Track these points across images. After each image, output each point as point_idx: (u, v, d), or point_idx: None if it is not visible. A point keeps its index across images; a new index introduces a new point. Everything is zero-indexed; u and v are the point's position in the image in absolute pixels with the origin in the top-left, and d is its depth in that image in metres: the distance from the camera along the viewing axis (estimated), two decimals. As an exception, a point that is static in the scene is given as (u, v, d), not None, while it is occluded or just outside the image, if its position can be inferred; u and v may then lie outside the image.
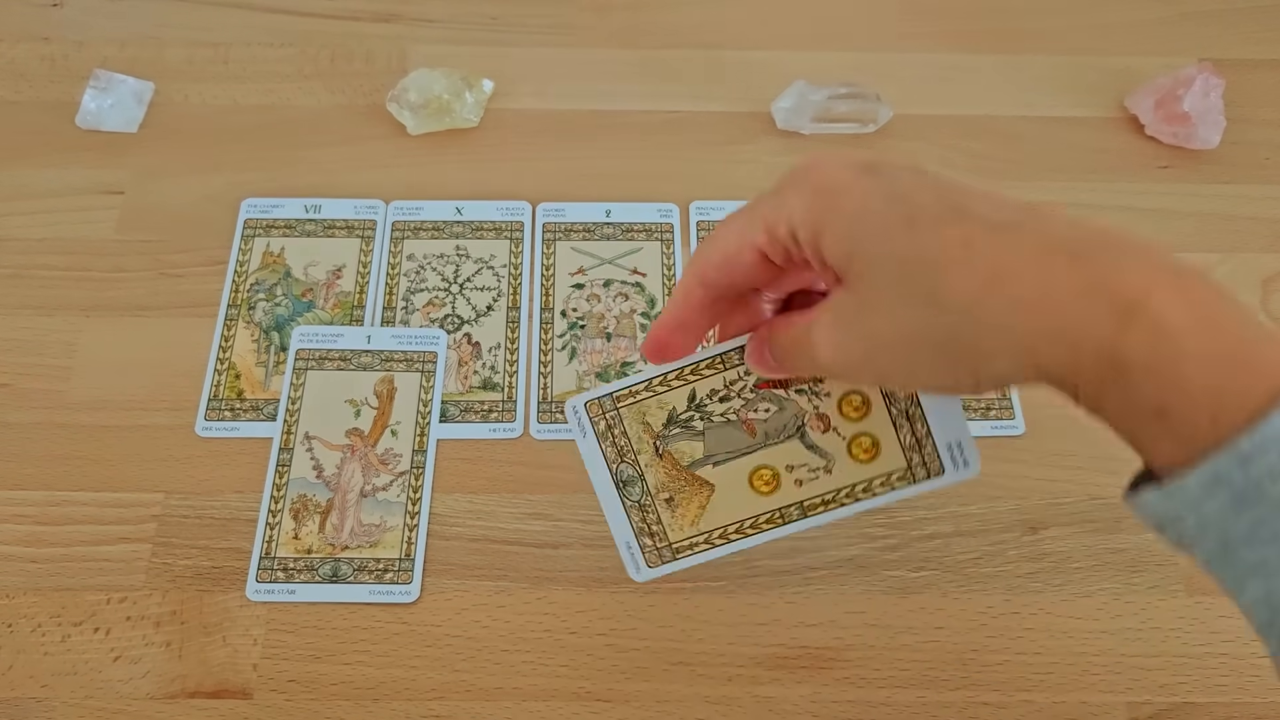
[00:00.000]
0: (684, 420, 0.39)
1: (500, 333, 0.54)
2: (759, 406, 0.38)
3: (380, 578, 0.47)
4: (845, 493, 0.38)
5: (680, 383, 0.38)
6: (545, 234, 0.57)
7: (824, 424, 0.38)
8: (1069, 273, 0.27)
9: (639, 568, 0.41)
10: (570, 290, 0.56)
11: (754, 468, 0.39)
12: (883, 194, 0.29)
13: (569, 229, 0.57)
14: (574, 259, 0.56)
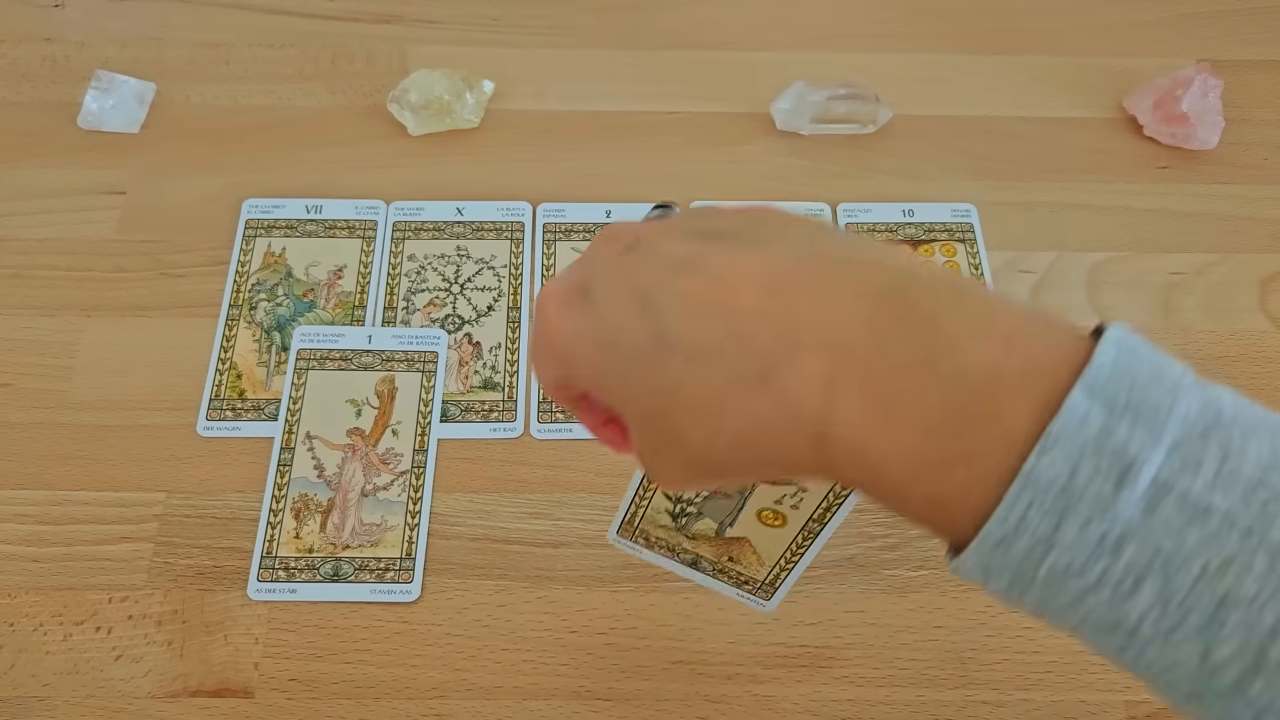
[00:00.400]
0: (681, 513, 0.40)
1: (501, 333, 0.54)
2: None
3: (381, 577, 0.47)
4: (833, 494, 0.38)
5: (651, 491, 0.40)
6: (545, 234, 0.57)
7: None
8: (762, 401, 0.25)
9: (763, 605, 0.43)
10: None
11: (756, 515, 0.39)
12: (598, 343, 0.28)
13: (569, 229, 0.58)
14: (574, 259, 0.56)
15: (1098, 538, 0.22)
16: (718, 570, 0.42)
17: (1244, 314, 0.56)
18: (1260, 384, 0.54)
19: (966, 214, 0.59)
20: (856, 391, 0.24)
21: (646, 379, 0.27)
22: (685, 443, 0.27)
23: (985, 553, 0.24)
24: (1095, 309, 0.56)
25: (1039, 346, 0.24)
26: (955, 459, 0.24)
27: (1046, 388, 0.23)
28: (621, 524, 0.42)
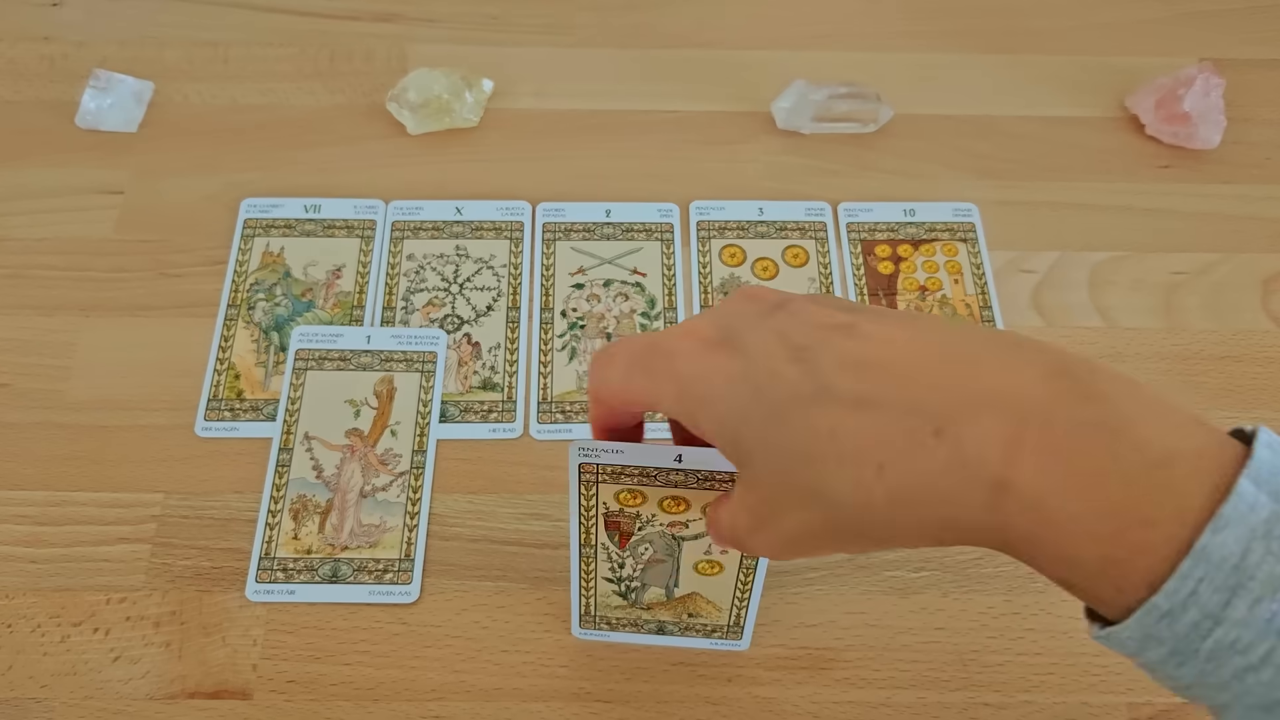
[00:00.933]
0: (627, 590, 0.42)
1: (500, 333, 0.54)
2: (639, 551, 0.40)
3: (380, 578, 0.47)
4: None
5: (591, 580, 0.42)
6: (545, 234, 0.57)
7: (680, 525, 0.38)
8: (935, 453, 0.26)
9: (737, 645, 0.45)
10: (570, 290, 0.56)
11: (693, 569, 0.41)
12: (746, 384, 0.28)
13: (569, 229, 0.57)
14: (574, 259, 0.56)
15: (1267, 616, 0.23)
16: (683, 629, 0.44)
17: (1246, 314, 0.56)
18: (1262, 384, 0.53)
19: (968, 213, 0.58)
20: (1038, 449, 0.25)
21: (801, 420, 0.27)
22: (824, 495, 0.27)
23: (1150, 623, 0.24)
24: (1097, 309, 0.56)
25: (1204, 436, 0.25)
26: (1134, 523, 0.24)
27: (1216, 473, 0.24)
28: (580, 618, 0.44)
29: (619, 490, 0.37)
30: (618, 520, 0.38)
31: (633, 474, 0.35)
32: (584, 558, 0.40)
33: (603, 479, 0.36)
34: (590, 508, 0.38)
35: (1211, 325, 0.55)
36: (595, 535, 0.39)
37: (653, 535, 0.39)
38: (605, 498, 0.37)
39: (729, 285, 0.56)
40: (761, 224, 0.58)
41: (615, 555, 0.40)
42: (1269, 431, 0.25)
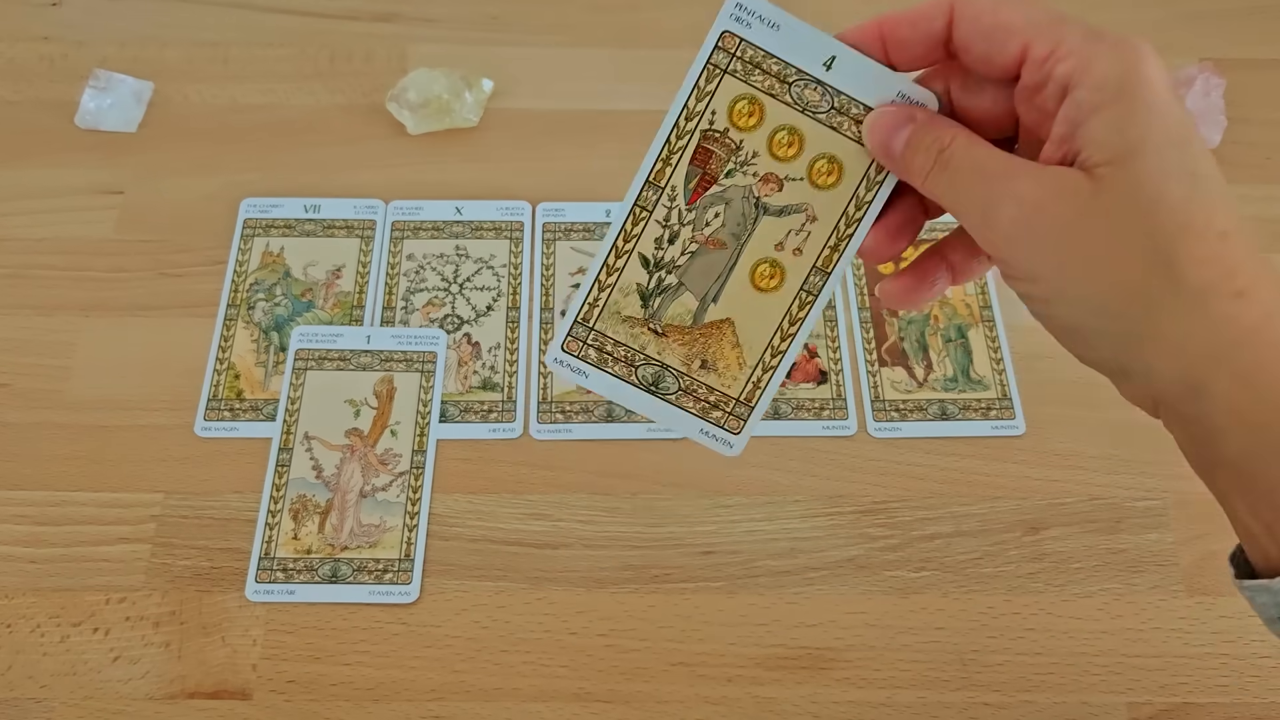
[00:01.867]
0: (656, 288, 0.35)
1: (500, 333, 0.54)
2: (707, 218, 0.34)
3: (380, 578, 0.47)
4: (844, 223, 0.34)
5: (624, 259, 0.35)
6: (545, 234, 0.57)
7: (774, 183, 0.34)
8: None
9: (730, 444, 0.37)
10: (571, 290, 0.55)
11: (750, 272, 0.35)
12: (1183, 137, 0.26)
13: (569, 229, 0.57)
14: (574, 259, 0.56)
15: None
16: (683, 390, 0.36)
17: (1246, 314, 0.56)
18: (1263, 384, 0.53)
19: (968, 213, 0.58)
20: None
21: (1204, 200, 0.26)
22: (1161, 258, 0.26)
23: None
24: (1097, 309, 0.55)
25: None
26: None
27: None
28: (574, 324, 0.36)
29: (740, 95, 0.33)
30: (710, 150, 0.34)
31: (770, 71, 0.32)
32: (638, 207, 0.35)
33: (734, 69, 0.32)
34: (695, 114, 0.33)
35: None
36: (675, 167, 0.34)
37: (734, 194, 0.34)
38: (720, 104, 0.33)
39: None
40: (761, 224, 0.58)
41: (677, 217, 0.34)
42: None
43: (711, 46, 0.33)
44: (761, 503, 0.50)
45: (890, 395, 0.53)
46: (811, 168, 0.34)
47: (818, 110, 0.33)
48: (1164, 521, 0.49)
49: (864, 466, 0.51)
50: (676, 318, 0.35)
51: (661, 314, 0.35)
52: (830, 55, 0.32)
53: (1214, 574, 0.48)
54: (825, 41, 0.32)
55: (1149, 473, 0.50)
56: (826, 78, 0.32)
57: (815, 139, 0.33)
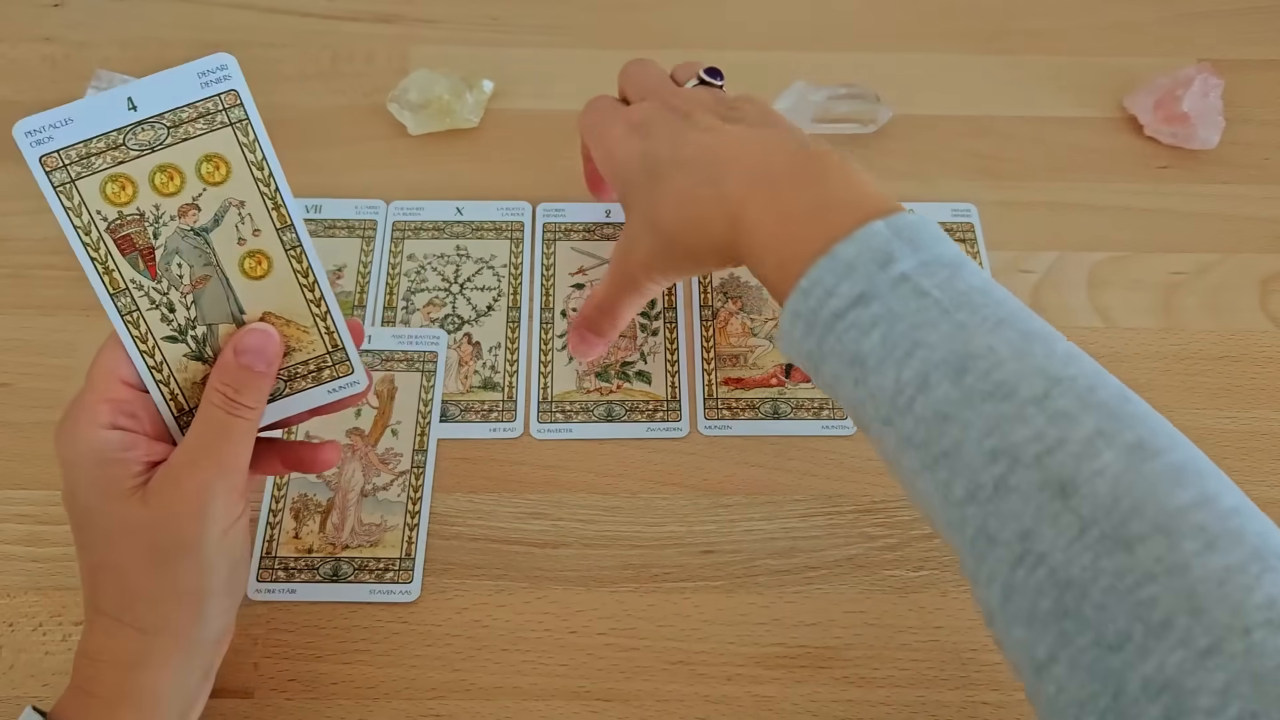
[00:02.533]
0: (200, 342, 0.39)
1: (500, 333, 0.54)
2: (176, 273, 0.38)
3: (380, 577, 0.47)
4: (261, 185, 0.38)
5: (156, 352, 0.38)
6: (545, 234, 0.57)
7: (190, 210, 0.37)
8: (707, 196, 0.42)
9: (356, 382, 0.42)
10: (570, 290, 0.56)
11: (242, 274, 0.38)
12: (641, 157, 0.45)
13: (569, 229, 0.58)
14: (574, 259, 0.57)
15: (856, 294, 0.35)
16: (290, 379, 0.41)
17: (1245, 314, 0.56)
18: (1260, 384, 0.54)
19: (967, 213, 0.59)
20: (763, 193, 0.40)
21: (661, 180, 0.44)
22: (657, 217, 0.44)
23: (796, 300, 0.37)
24: (1096, 308, 0.56)
25: (875, 203, 0.37)
26: (798, 237, 0.38)
27: (866, 217, 0.36)
28: (175, 420, 0.39)
29: (101, 184, 0.35)
30: (127, 234, 0.36)
31: (101, 149, 0.35)
32: (127, 317, 0.37)
33: (77, 174, 0.35)
34: (88, 225, 0.36)
35: (1210, 325, 0.55)
36: (118, 269, 0.37)
37: (175, 241, 0.37)
38: (94, 203, 0.35)
39: (728, 286, 0.56)
40: (761, 224, 0.58)
41: (157, 293, 0.37)
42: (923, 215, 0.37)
43: (43, 175, 0.35)
44: (761, 502, 0.50)
45: (889, 395, 0.53)
46: (202, 176, 0.37)
47: (163, 141, 0.36)
48: (1162, 521, 0.49)
49: (863, 466, 0.51)
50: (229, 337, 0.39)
51: (212, 345, 0.39)
52: (126, 98, 0.35)
53: (1212, 573, 0.48)
54: (114, 95, 0.35)
55: (1147, 472, 0.51)
56: (141, 114, 0.35)
57: (183, 158, 0.36)
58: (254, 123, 0.38)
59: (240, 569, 0.39)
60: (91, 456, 0.36)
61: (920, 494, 0.35)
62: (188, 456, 0.37)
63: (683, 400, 0.53)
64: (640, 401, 0.52)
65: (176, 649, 0.38)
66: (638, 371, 0.53)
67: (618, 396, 0.52)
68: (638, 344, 0.54)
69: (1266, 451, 0.51)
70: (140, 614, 0.37)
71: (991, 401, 0.33)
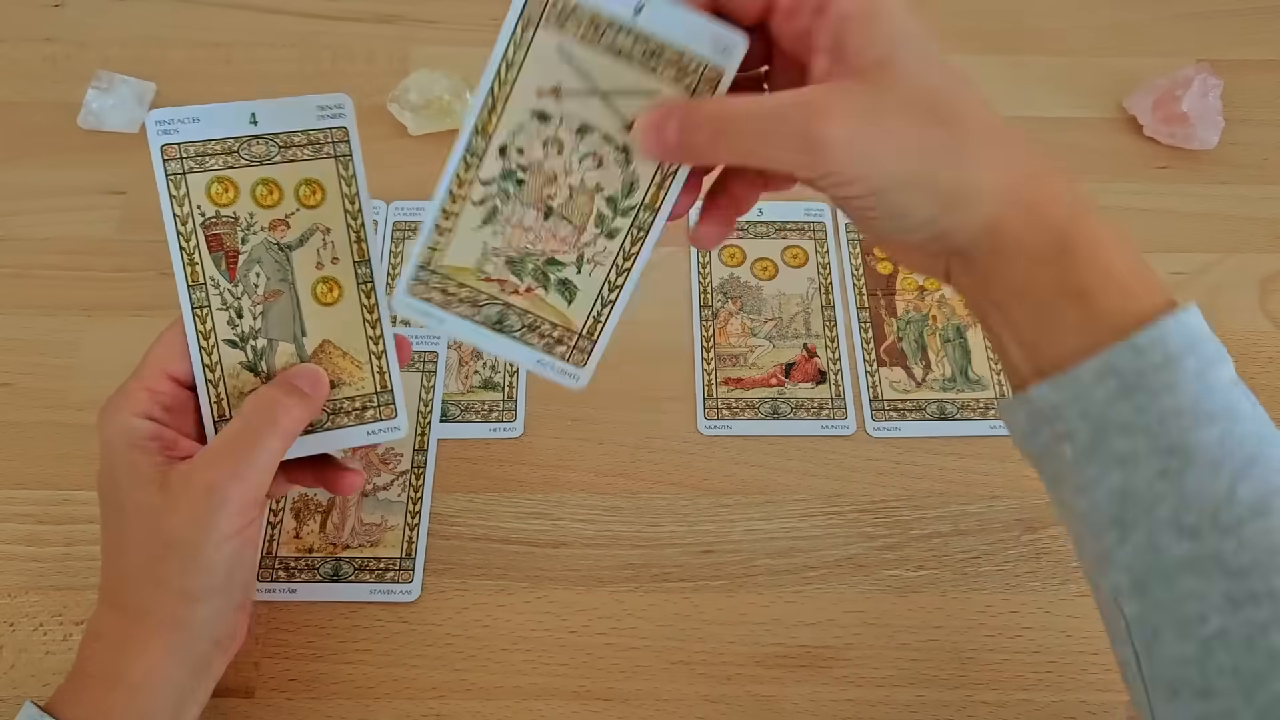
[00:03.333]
0: (255, 356, 0.40)
1: (501, 333, 0.54)
2: (253, 281, 0.40)
3: (381, 577, 0.47)
4: (349, 218, 0.40)
5: (214, 353, 0.40)
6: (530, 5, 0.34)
7: (281, 225, 0.40)
8: (1043, 165, 0.32)
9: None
10: (528, 119, 0.36)
11: (312, 297, 0.40)
12: (923, 32, 0.31)
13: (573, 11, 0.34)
14: (554, 67, 0.35)
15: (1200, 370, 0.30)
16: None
17: (1244, 314, 0.56)
18: (1260, 384, 0.53)
19: (966, 214, 0.58)
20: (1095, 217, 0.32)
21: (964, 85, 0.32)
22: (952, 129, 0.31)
23: (1123, 353, 0.30)
24: (1095, 309, 0.56)
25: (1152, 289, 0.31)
26: (1146, 275, 0.31)
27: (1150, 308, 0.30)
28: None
29: (209, 180, 0.38)
30: (218, 233, 0.39)
31: (216, 151, 0.38)
32: (198, 311, 0.39)
33: (189, 166, 0.38)
34: (186, 216, 0.38)
35: (1209, 325, 0.55)
36: (201, 264, 0.39)
37: (259, 251, 0.39)
38: (198, 197, 0.38)
39: (728, 286, 0.56)
40: (761, 224, 0.58)
41: (230, 296, 0.39)
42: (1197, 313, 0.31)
43: (160, 161, 0.39)
44: (761, 502, 0.50)
45: (889, 395, 0.53)
46: (298, 198, 0.40)
47: (272, 157, 0.39)
48: (1162, 521, 0.49)
49: (863, 466, 0.51)
50: (286, 364, 0.40)
51: (274, 370, 0.40)
52: (251, 113, 0.40)
53: (1211, 573, 0.48)
54: (240, 107, 0.40)
55: (1147, 472, 0.51)
56: (260, 129, 0.40)
57: (285, 176, 0.39)
58: (355, 160, 0.40)
59: (240, 575, 0.39)
60: (122, 439, 0.38)
61: (1190, 618, 0.29)
62: (208, 458, 0.37)
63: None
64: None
65: (160, 638, 0.38)
66: (561, 279, 0.38)
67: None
68: (579, 245, 0.37)
69: (1266, 451, 0.51)
70: (128, 597, 0.38)
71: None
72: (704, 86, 0.34)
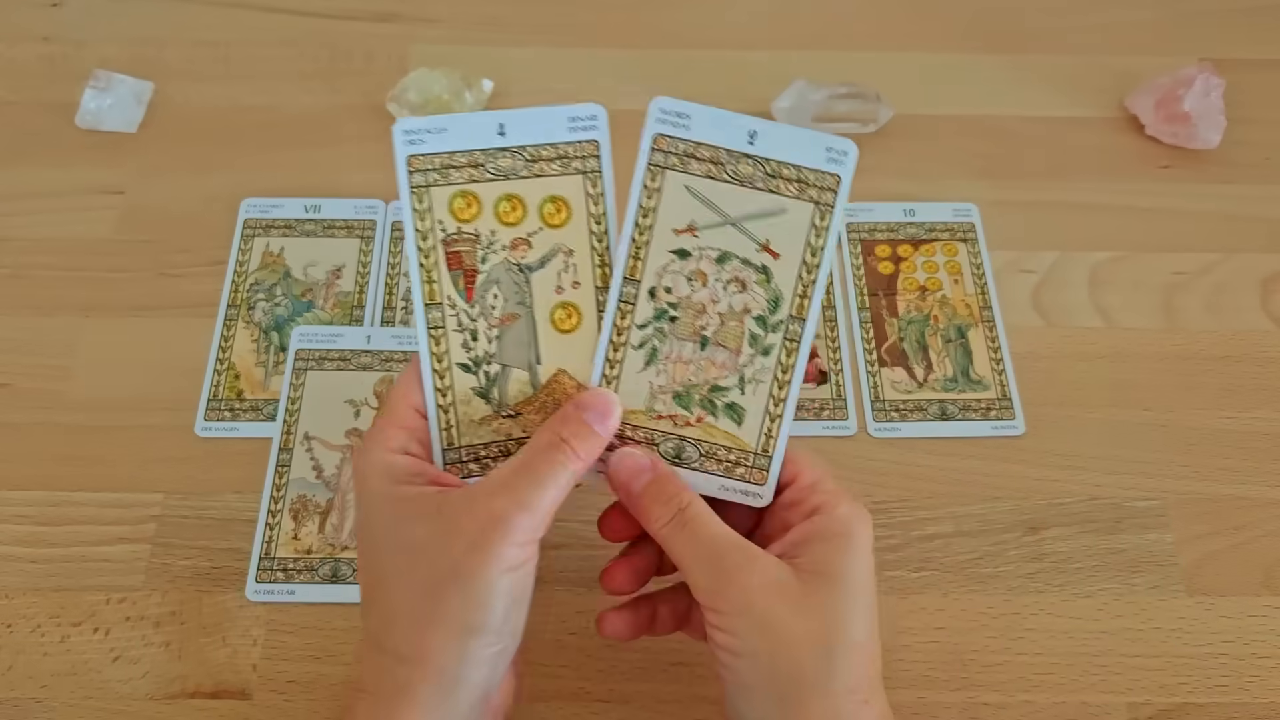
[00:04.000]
0: (488, 381, 0.38)
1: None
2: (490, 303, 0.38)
3: (380, 578, 0.47)
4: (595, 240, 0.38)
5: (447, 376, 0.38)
6: (655, 155, 0.38)
7: (523, 245, 0.38)
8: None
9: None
10: (669, 259, 0.38)
11: (551, 322, 0.38)
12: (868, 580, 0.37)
13: (693, 151, 0.38)
14: (686, 205, 0.38)
15: None
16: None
17: (1246, 314, 0.56)
18: (1261, 384, 0.53)
19: (968, 213, 0.58)
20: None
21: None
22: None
23: None
24: (1097, 309, 0.56)
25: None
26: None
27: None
28: (443, 453, 0.38)
29: (452, 195, 0.36)
30: (458, 251, 0.37)
31: (460, 164, 0.36)
32: (433, 331, 0.37)
33: (434, 179, 0.36)
34: (428, 231, 0.36)
35: (1211, 325, 0.55)
36: (439, 282, 0.37)
37: (498, 272, 0.37)
38: (440, 212, 0.36)
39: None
40: (761, 224, 0.58)
41: (466, 317, 0.37)
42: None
43: (404, 173, 0.37)
44: (761, 503, 0.50)
45: (890, 395, 0.53)
46: (542, 216, 0.37)
47: (517, 172, 0.37)
48: (1163, 521, 0.49)
49: (864, 466, 0.51)
50: (519, 394, 0.38)
51: (505, 398, 0.38)
52: (498, 123, 0.37)
53: (1214, 574, 0.48)
54: (487, 118, 0.37)
55: (1148, 473, 0.51)
56: (507, 142, 0.37)
57: (530, 193, 0.37)
58: (606, 177, 0.38)
59: (515, 618, 0.35)
60: (384, 478, 0.36)
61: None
62: (492, 485, 0.35)
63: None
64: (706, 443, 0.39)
65: (434, 684, 0.34)
66: (728, 404, 0.39)
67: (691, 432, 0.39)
68: (740, 364, 0.39)
69: (1268, 452, 0.51)
70: (400, 639, 0.34)
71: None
72: (825, 195, 0.37)
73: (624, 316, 0.38)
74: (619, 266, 0.37)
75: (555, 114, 0.37)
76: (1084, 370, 0.54)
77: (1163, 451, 0.51)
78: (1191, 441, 0.52)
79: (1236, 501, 0.50)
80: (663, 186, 0.36)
